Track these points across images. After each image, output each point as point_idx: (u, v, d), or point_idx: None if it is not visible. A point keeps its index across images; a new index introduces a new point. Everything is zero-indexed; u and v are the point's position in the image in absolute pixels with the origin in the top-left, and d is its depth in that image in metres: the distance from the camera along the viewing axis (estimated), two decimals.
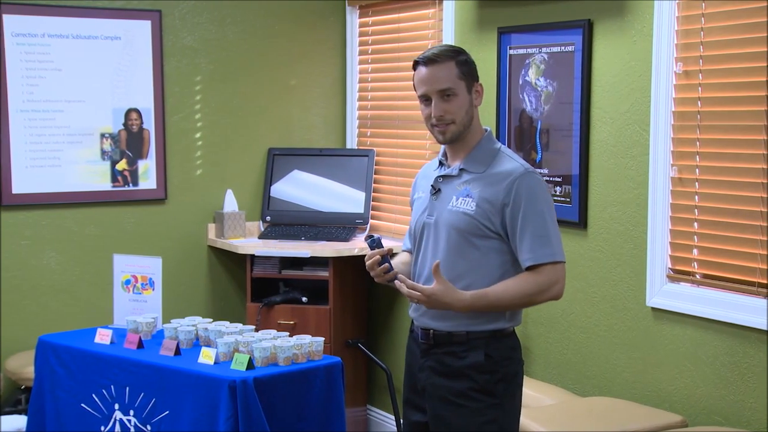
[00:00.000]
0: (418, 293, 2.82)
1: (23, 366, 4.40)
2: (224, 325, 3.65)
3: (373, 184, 5.11)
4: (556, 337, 4.07)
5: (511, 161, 2.89)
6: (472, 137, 2.93)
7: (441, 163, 3.01)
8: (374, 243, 2.91)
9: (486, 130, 2.97)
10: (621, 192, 3.75)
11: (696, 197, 3.49)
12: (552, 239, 2.82)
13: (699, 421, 3.47)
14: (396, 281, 2.88)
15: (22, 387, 4.48)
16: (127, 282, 3.91)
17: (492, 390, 2.85)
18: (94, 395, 3.56)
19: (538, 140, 4.09)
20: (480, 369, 2.86)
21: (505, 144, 4.18)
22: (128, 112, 4.89)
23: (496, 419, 2.86)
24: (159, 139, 4.94)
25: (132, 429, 3.45)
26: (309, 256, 4.75)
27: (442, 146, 3.00)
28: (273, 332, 3.57)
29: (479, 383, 2.85)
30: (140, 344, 3.58)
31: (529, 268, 2.83)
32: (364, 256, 2.96)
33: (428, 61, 2.87)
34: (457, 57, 2.87)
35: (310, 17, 5.27)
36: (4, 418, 4.20)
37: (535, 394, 3.81)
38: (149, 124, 4.93)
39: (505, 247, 2.87)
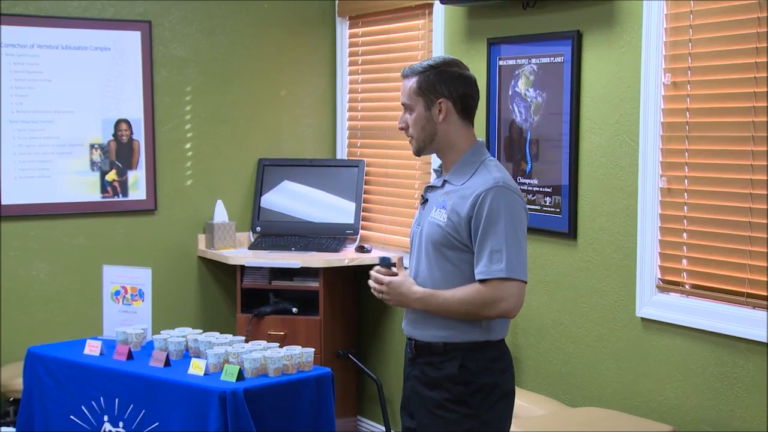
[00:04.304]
0: (378, 284, 2.94)
1: (12, 378, 4.38)
2: (214, 336, 3.65)
3: (363, 195, 5.11)
4: (546, 348, 4.07)
5: (486, 174, 2.87)
6: (454, 150, 2.93)
7: (438, 174, 3.03)
8: (385, 262, 2.98)
9: (477, 142, 2.96)
10: (610, 202, 3.76)
11: (685, 207, 3.50)
12: (508, 255, 2.78)
13: (689, 431, 3.47)
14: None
15: (11, 399, 4.46)
16: (117, 293, 3.91)
17: (467, 401, 2.86)
18: (83, 407, 3.55)
19: (527, 151, 4.10)
20: (454, 380, 2.86)
21: (494, 154, 4.19)
22: (118, 122, 4.88)
23: (472, 429, 2.86)
24: (149, 149, 4.94)
25: None
26: (299, 266, 4.74)
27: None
28: (263, 343, 3.57)
29: (454, 394, 2.87)
30: (130, 355, 3.58)
31: (480, 282, 2.82)
32: (354, 266, 2.97)
33: (402, 74, 2.97)
34: (423, 72, 2.90)
35: (300, 28, 5.28)
36: None
37: (525, 404, 3.81)
38: (139, 134, 4.92)
39: None
